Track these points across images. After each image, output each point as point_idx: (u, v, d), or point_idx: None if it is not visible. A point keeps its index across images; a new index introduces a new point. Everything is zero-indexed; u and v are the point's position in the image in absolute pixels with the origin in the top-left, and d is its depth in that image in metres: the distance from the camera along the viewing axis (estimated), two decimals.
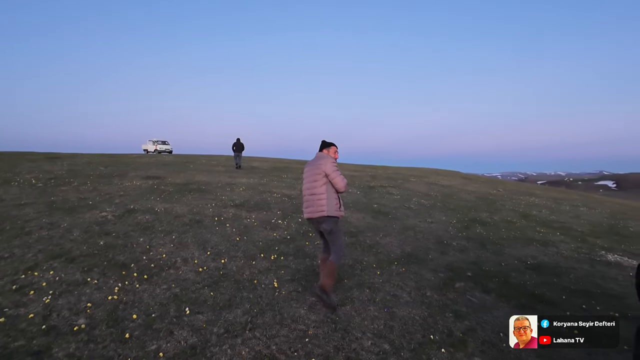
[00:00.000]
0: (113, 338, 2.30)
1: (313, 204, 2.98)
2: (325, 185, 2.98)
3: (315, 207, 2.96)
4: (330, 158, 3.11)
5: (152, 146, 28.49)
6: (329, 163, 3.01)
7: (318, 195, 2.97)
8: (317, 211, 2.94)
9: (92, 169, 10.66)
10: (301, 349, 2.33)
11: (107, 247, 3.93)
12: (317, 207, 2.95)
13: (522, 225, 7.36)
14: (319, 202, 2.96)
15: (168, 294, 2.97)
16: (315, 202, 2.97)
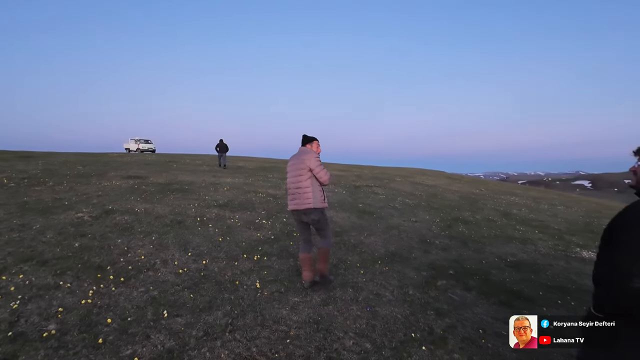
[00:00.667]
0: (85, 344, 2.21)
1: (299, 197, 3.11)
2: (310, 179, 3.13)
3: (302, 199, 3.10)
4: (313, 153, 3.22)
5: (135, 145, 27.75)
6: (313, 158, 3.14)
7: (304, 188, 3.11)
8: (304, 203, 3.09)
9: (69, 168, 10.27)
10: (282, 350, 2.31)
11: (82, 249, 3.78)
12: (304, 199, 3.09)
13: (502, 224, 7.55)
14: (305, 195, 3.10)
15: (146, 296, 2.88)
16: (302, 195, 3.11)
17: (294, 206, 3.15)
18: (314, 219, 3.14)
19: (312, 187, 3.12)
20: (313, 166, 3.10)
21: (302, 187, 3.11)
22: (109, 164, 12.15)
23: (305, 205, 3.09)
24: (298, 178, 3.14)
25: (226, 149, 14.76)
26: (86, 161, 12.81)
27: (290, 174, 3.21)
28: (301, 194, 3.11)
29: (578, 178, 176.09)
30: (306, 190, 3.10)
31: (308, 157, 3.14)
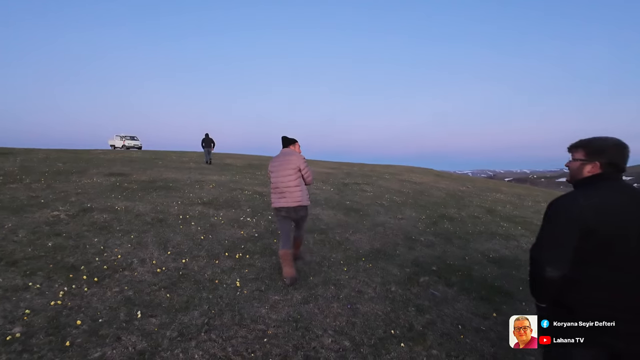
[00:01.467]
0: (51, 347, 2.12)
1: (290, 195, 3.33)
2: (299, 178, 3.36)
3: (293, 197, 3.32)
4: (300, 154, 3.47)
5: (120, 141, 27.06)
6: (302, 159, 3.40)
7: (293, 187, 3.32)
8: (295, 201, 3.32)
9: (49, 165, 9.93)
10: (259, 350, 2.26)
11: (55, 248, 3.65)
12: (295, 197, 3.32)
13: (487, 220, 7.66)
14: (296, 193, 3.32)
15: (120, 297, 2.79)
16: (292, 193, 3.32)
17: (284, 203, 3.32)
18: (302, 216, 3.45)
19: (301, 186, 3.37)
20: (302, 166, 3.36)
21: (291, 186, 3.32)
22: (91, 161, 11.81)
23: (296, 202, 3.32)
24: (288, 177, 3.32)
25: (211, 143, 14.59)
26: (67, 158, 12.43)
27: (279, 174, 3.35)
28: (291, 192, 3.32)
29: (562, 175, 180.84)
30: (296, 189, 3.32)
31: (297, 158, 3.37)
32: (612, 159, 1.38)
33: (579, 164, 1.46)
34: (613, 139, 1.42)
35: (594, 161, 1.41)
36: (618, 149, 1.39)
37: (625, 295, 1.30)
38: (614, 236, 1.29)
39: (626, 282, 1.30)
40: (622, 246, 1.29)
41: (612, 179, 1.39)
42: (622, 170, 1.41)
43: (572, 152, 1.51)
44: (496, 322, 2.93)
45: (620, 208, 1.31)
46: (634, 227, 1.29)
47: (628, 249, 1.29)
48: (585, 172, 1.44)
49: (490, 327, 2.84)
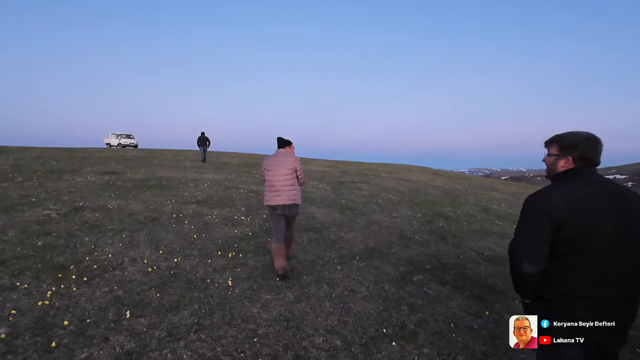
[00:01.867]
0: (37, 348, 2.09)
1: (286, 194, 3.46)
2: (294, 178, 3.54)
3: (289, 196, 3.47)
4: (295, 156, 3.67)
5: (116, 140, 26.84)
6: (298, 161, 3.59)
7: (290, 186, 3.49)
8: (290, 199, 3.47)
9: (42, 163, 9.82)
10: (248, 350, 2.24)
11: (45, 248, 3.60)
12: (291, 196, 3.48)
13: (482, 219, 7.68)
14: (292, 192, 3.49)
15: (109, 297, 2.76)
16: (289, 192, 3.47)
17: (279, 202, 3.45)
18: (295, 213, 3.63)
19: (296, 186, 3.55)
20: (298, 168, 3.56)
21: (288, 185, 3.47)
22: (85, 160, 11.70)
23: (292, 200, 3.48)
24: (285, 177, 3.47)
25: (206, 142, 14.84)
26: (61, 156, 12.30)
27: (276, 172, 3.48)
28: (287, 191, 3.47)
29: None
30: (292, 188, 3.50)
31: (294, 159, 3.55)
32: (584, 153, 1.40)
33: (553, 159, 1.48)
34: (585, 133, 1.43)
35: (566, 156, 1.43)
36: (589, 143, 1.41)
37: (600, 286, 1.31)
38: (586, 230, 1.30)
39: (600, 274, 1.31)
40: (594, 239, 1.30)
41: (585, 173, 1.40)
42: (595, 164, 1.42)
43: (547, 148, 1.53)
44: (488, 321, 2.92)
45: (591, 202, 1.32)
46: (606, 221, 1.31)
47: (599, 242, 1.30)
48: (560, 166, 1.46)
49: (483, 325, 2.84)
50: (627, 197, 1.36)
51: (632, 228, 1.33)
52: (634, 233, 1.33)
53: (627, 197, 1.36)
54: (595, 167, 1.43)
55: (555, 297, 1.38)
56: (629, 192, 1.40)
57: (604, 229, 1.30)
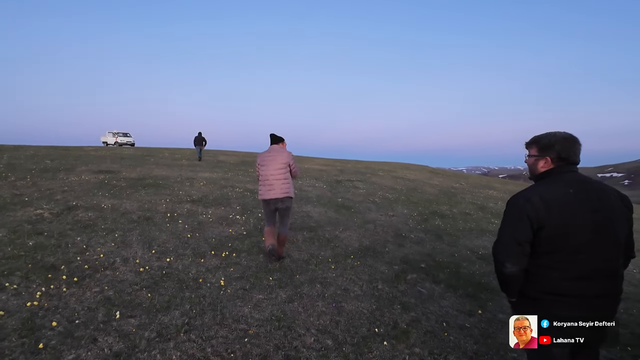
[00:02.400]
0: (24, 349, 2.06)
1: (279, 187, 3.60)
2: (287, 172, 3.68)
3: (282, 189, 3.60)
4: (288, 151, 3.81)
5: (112, 138, 26.70)
6: (291, 156, 3.75)
7: (283, 180, 3.62)
8: (283, 192, 3.60)
9: (36, 162, 9.75)
10: (239, 350, 2.23)
11: (36, 247, 3.57)
12: (284, 189, 3.61)
13: (478, 217, 7.69)
14: (285, 185, 3.62)
15: (99, 297, 2.73)
16: (281, 185, 3.61)
17: (272, 195, 3.60)
18: (287, 206, 3.70)
19: (288, 179, 3.68)
20: (292, 162, 3.72)
21: (281, 179, 3.62)
22: (80, 158, 11.63)
23: (283, 194, 3.60)
24: (278, 171, 3.62)
25: (202, 141, 15.22)
26: (56, 155, 12.22)
27: (270, 167, 3.64)
28: (280, 185, 3.60)
29: None
30: (285, 182, 3.64)
31: (287, 154, 3.71)
32: (561, 153, 1.42)
33: (533, 160, 1.51)
34: (562, 133, 1.45)
35: (545, 156, 1.46)
36: (566, 143, 1.43)
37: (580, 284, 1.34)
38: (564, 229, 1.33)
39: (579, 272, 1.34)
40: (572, 239, 1.33)
41: (564, 173, 1.42)
42: (574, 163, 1.44)
43: (527, 149, 1.56)
44: (481, 320, 2.92)
45: (569, 202, 1.34)
46: (584, 220, 1.33)
47: (577, 241, 1.33)
48: (540, 167, 1.49)
49: (475, 324, 2.84)
50: (606, 195, 1.38)
51: (611, 226, 1.35)
52: (612, 231, 1.35)
53: (606, 196, 1.38)
54: (575, 166, 1.45)
55: (539, 296, 1.40)
56: (607, 189, 1.41)
57: (582, 228, 1.33)
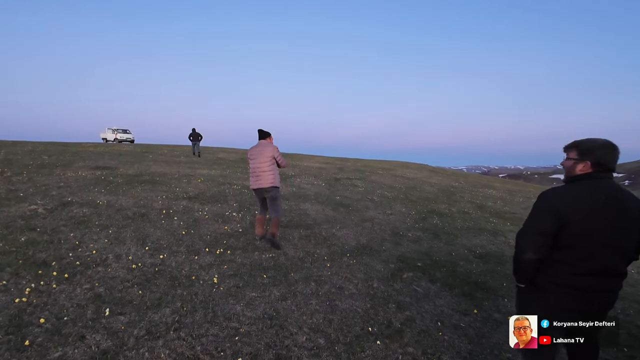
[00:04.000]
0: (9, 346, 2.02)
1: (265, 178, 3.97)
2: (273, 165, 4.02)
3: (268, 180, 3.97)
4: (274, 145, 4.15)
5: (112, 135, 26.64)
6: (276, 149, 4.08)
7: (269, 172, 3.98)
8: (268, 182, 3.97)
9: (33, 158, 9.70)
10: (229, 349, 2.19)
11: (28, 243, 3.53)
12: (269, 180, 3.97)
13: (476, 216, 7.65)
14: (271, 176, 3.98)
15: (90, 294, 2.70)
16: (267, 176, 3.97)
17: (259, 185, 4.00)
18: (274, 195, 4.04)
19: (274, 171, 4.03)
20: (276, 155, 4.05)
21: (266, 171, 3.97)
22: (78, 154, 11.58)
23: (268, 184, 3.97)
24: (264, 164, 3.98)
25: (198, 137, 15.58)
26: (53, 151, 12.17)
27: (256, 161, 4.02)
28: (266, 176, 3.97)
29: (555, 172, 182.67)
30: (269, 173, 3.98)
31: (272, 148, 4.05)
32: (600, 159, 1.50)
33: (572, 163, 1.58)
34: (602, 140, 1.52)
35: (585, 160, 1.52)
36: (605, 150, 1.50)
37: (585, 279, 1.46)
38: (585, 230, 1.43)
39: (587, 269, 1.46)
40: (587, 239, 1.44)
41: (599, 178, 1.50)
42: (610, 169, 1.51)
43: (566, 152, 1.63)
44: (476, 319, 2.89)
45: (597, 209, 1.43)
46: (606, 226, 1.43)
47: (594, 242, 1.44)
48: (577, 170, 1.55)
49: (470, 323, 2.80)
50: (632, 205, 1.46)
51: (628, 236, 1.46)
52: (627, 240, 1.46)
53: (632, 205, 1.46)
54: (611, 174, 1.52)
55: (545, 285, 1.52)
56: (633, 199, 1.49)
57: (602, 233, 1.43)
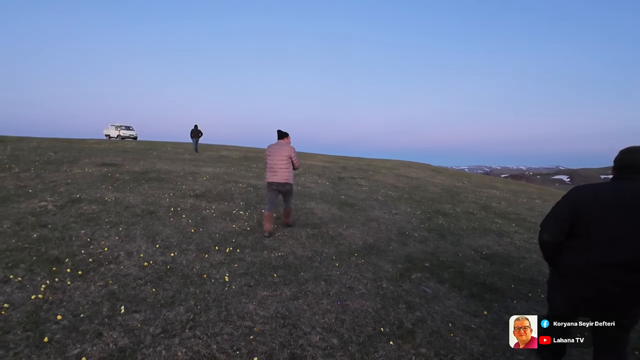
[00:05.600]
0: (29, 343, 2.05)
1: (281, 174, 4.42)
2: (289, 163, 4.46)
3: (283, 176, 4.43)
4: (291, 146, 4.54)
5: (115, 131, 26.69)
6: (292, 150, 4.49)
7: (284, 169, 4.44)
8: (283, 179, 4.43)
9: (40, 154, 9.75)
10: (244, 347, 2.21)
11: (40, 240, 3.56)
12: (284, 176, 4.43)
13: (481, 217, 7.65)
14: (285, 173, 4.43)
15: (104, 291, 2.72)
16: (283, 173, 4.42)
17: (275, 179, 4.43)
18: (287, 189, 4.54)
19: (289, 169, 4.47)
20: (293, 155, 4.47)
21: (282, 168, 4.43)
22: (83, 151, 11.62)
23: (284, 180, 4.43)
24: (281, 162, 4.43)
25: (198, 134, 15.96)
26: (59, 147, 12.22)
27: (274, 157, 4.46)
28: (282, 172, 4.42)
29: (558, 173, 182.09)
30: (285, 170, 4.43)
31: (289, 148, 4.47)
32: (620, 163, 1.77)
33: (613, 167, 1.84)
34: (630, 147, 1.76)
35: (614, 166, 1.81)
36: (623, 154, 1.76)
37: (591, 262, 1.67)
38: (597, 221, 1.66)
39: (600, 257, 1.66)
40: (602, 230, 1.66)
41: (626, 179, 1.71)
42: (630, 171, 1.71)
43: None
44: (486, 320, 2.90)
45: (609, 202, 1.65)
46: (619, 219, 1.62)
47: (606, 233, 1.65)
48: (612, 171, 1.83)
49: (481, 325, 2.82)
50: None
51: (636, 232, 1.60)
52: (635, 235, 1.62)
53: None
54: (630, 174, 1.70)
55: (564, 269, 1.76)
56: None
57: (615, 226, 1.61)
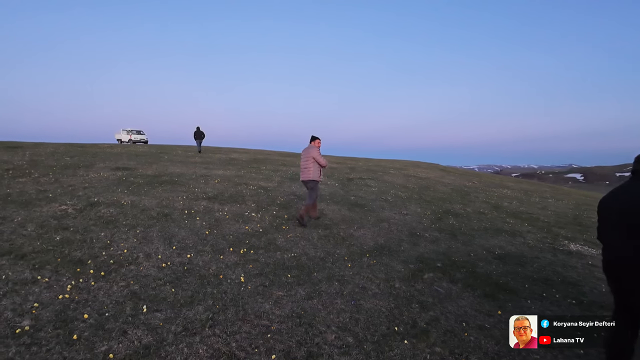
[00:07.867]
0: (59, 340, 2.16)
1: (306, 172, 5.31)
2: (313, 163, 5.28)
3: (308, 174, 5.29)
4: (316, 148, 5.39)
5: (127, 136, 27.23)
6: (316, 151, 5.33)
7: (309, 168, 5.28)
8: (308, 177, 5.30)
9: (57, 159, 10.05)
10: (262, 345, 2.28)
11: (63, 242, 3.70)
12: (309, 174, 5.29)
13: (492, 217, 7.59)
14: (309, 172, 5.27)
15: (126, 291, 2.83)
16: (308, 172, 5.29)
17: (304, 177, 5.35)
18: (311, 186, 5.35)
19: (313, 168, 5.28)
20: (315, 156, 5.28)
21: (308, 167, 5.28)
22: (97, 155, 11.92)
23: (308, 177, 5.30)
24: (307, 162, 5.31)
25: (201, 136, 16.54)
26: (74, 152, 12.55)
27: (303, 159, 5.39)
28: (307, 171, 5.29)
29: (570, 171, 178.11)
30: (309, 170, 5.27)
31: (312, 150, 5.32)
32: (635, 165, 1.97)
33: None
34: None
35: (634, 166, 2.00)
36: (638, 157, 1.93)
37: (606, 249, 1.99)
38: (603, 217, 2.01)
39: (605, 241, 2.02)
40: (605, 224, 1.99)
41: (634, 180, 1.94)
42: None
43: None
44: (500, 320, 2.90)
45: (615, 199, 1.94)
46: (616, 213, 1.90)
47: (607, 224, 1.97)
48: None
49: (495, 324, 2.83)
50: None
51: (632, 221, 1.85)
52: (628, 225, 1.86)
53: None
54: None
55: None
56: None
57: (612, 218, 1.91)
